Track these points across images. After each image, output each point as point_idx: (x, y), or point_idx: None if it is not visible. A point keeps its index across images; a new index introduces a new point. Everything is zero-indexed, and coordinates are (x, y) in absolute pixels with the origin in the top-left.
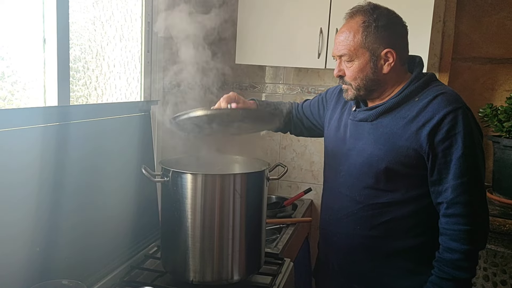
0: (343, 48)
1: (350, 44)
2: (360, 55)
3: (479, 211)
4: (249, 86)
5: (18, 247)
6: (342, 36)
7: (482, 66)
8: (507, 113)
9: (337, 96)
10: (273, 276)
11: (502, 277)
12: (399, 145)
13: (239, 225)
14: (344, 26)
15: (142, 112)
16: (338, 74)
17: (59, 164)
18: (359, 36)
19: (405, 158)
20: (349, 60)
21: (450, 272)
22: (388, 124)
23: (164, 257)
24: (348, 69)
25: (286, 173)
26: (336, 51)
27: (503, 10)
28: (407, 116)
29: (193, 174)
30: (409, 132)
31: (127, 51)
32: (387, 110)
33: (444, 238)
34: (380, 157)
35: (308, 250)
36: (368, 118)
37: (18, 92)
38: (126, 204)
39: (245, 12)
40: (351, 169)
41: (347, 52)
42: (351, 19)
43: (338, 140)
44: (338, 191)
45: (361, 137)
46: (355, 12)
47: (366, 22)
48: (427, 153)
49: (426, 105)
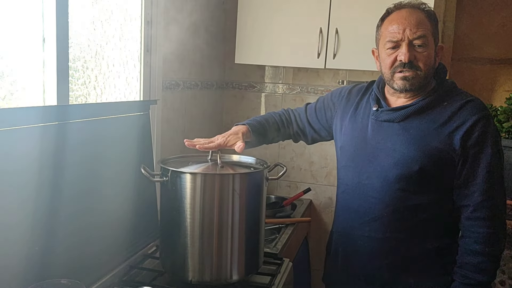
0: (423, 30)
1: (428, 28)
2: (431, 43)
3: (502, 215)
4: (248, 86)
5: (17, 246)
6: (416, 20)
7: (481, 67)
8: (507, 114)
9: (347, 97)
10: (272, 276)
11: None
12: (433, 147)
13: (238, 225)
14: (410, 13)
15: (141, 111)
16: (410, 59)
17: (58, 163)
18: (429, 24)
19: (438, 160)
20: (424, 44)
21: (474, 277)
22: (419, 126)
23: (163, 256)
24: (420, 54)
25: (285, 173)
26: (411, 33)
27: (503, 11)
28: (439, 120)
29: (192, 174)
30: (442, 135)
31: (127, 51)
32: (416, 112)
33: (467, 241)
34: (414, 158)
35: (307, 250)
36: (395, 119)
37: (17, 91)
38: (125, 203)
39: (244, 12)
40: (378, 170)
41: (427, 35)
42: (414, 9)
43: (357, 140)
44: (362, 193)
45: (388, 138)
46: (412, 6)
47: (429, 14)
48: (459, 155)
49: (458, 110)
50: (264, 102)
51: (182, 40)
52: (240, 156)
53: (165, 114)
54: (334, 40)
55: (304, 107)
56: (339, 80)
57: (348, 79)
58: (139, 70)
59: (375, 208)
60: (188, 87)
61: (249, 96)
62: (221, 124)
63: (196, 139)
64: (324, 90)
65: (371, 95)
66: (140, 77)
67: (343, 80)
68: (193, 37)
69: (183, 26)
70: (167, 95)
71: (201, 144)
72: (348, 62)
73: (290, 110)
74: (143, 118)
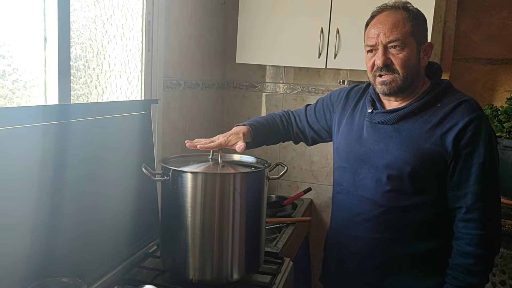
0: (396, 33)
1: (403, 31)
2: (410, 43)
3: (496, 217)
4: (249, 86)
5: (19, 245)
6: (391, 23)
7: (482, 67)
8: (507, 114)
9: (345, 99)
10: (272, 275)
11: (502, 277)
12: (424, 149)
13: (239, 224)
14: (387, 16)
15: (142, 111)
16: (385, 62)
17: (59, 162)
18: (409, 25)
19: (430, 161)
20: (400, 47)
21: (463, 279)
22: (412, 128)
23: (164, 255)
24: (396, 57)
25: (286, 172)
26: (385, 38)
27: (503, 11)
28: (431, 121)
29: (193, 173)
30: (434, 136)
31: (128, 50)
32: (408, 114)
33: (459, 243)
34: (405, 160)
35: (308, 250)
36: (388, 121)
37: (19, 90)
38: (126, 202)
39: (246, 12)
40: (372, 171)
41: (401, 38)
42: (393, 11)
43: (352, 142)
44: (356, 194)
45: (382, 140)
46: (393, 7)
47: (411, 14)
48: (451, 157)
49: (451, 111)
50: (265, 102)
51: (183, 40)
52: (241, 155)
53: (166, 113)
54: (335, 40)
55: (304, 108)
56: (340, 80)
57: (349, 79)
58: (141, 69)
59: (368, 208)
60: (189, 86)
61: (250, 96)
62: (222, 124)
63: (196, 139)
64: (325, 90)
65: (367, 97)
66: (141, 76)
67: (344, 80)
68: (194, 36)
69: (184, 26)
70: (168, 94)
71: (202, 144)
72: (349, 62)
73: (290, 111)
74: (144, 118)
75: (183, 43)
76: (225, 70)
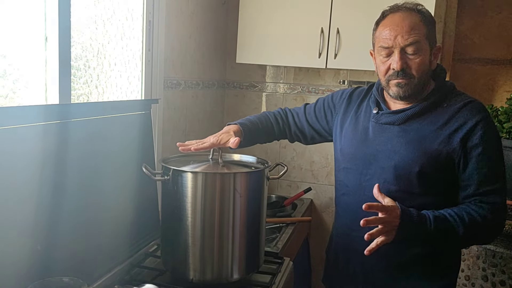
0: (414, 36)
1: (420, 34)
2: (425, 47)
3: (503, 215)
4: (249, 86)
5: (19, 245)
6: (408, 25)
7: (482, 67)
8: (507, 114)
9: (347, 100)
10: (272, 275)
11: (501, 277)
12: (432, 149)
13: (239, 224)
14: (403, 17)
15: (142, 110)
16: (402, 67)
17: (60, 162)
18: (424, 28)
19: (437, 162)
20: (417, 51)
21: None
22: (419, 128)
23: (164, 255)
24: (413, 61)
25: (286, 172)
26: (403, 40)
27: (503, 11)
28: (438, 121)
29: (194, 173)
30: (442, 136)
31: (128, 50)
32: (415, 114)
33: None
34: (413, 160)
35: (308, 250)
36: (395, 122)
37: (19, 90)
38: (127, 202)
39: (246, 11)
40: (379, 172)
41: (420, 40)
42: (408, 13)
43: (358, 143)
44: (363, 194)
45: (389, 140)
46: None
47: (425, 17)
48: (459, 157)
49: (458, 111)
50: (265, 102)
51: (184, 40)
52: (241, 155)
53: (167, 113)
54: (335, 40)
55: (303, 107)
56: (340, 80)
57: (349, 79)
58: (141, 69)
59: None
60: (190, 86)
61: (250, 96)
62: (222, 124)
63: (187, 141)
64: (325, 90)
65: (371, 98)
66: (142, 76)
67: (344, 80)
68: (195, 36)
69: (185, 26)
70: (168, 94)
71: (194, 145)
72: (349, 62)
73: (288, 109)
74: (144, 117)
75: (183, 43)
76: (226, 70)
